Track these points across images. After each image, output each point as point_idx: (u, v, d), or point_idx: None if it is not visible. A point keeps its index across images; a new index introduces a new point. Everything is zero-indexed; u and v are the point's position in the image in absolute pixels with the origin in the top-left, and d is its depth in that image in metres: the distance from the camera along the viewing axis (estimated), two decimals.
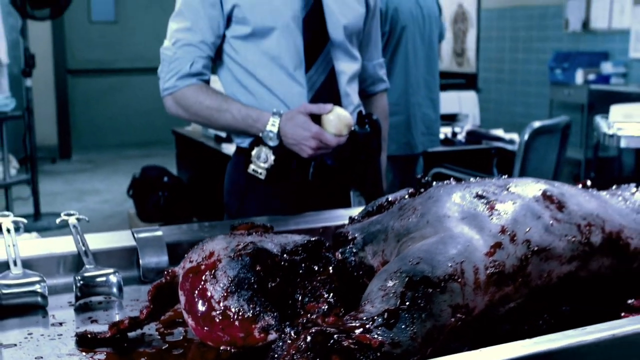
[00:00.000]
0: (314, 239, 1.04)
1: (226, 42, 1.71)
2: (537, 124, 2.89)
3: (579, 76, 6.10)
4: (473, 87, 7.84)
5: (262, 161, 1.60)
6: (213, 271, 0.96)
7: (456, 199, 1.05)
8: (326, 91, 1.66)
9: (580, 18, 6.49)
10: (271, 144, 1.59)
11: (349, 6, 1.73)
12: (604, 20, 6.32)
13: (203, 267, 0.98)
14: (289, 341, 0.87)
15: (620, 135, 1.69)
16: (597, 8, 6.37)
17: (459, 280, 0.91)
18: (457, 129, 3.87)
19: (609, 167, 5.64)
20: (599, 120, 1.77)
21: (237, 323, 0.93)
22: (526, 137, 2.86)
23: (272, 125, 1.59)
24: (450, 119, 4.04)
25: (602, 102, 5.65)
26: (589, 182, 1.29)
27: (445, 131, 3.88)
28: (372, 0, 1.81)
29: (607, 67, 6.07)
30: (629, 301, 1.07)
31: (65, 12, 6.38)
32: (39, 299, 1.11)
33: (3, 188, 4.82)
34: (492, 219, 1.01)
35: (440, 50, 8.58)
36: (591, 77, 6.05)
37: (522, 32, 7.28)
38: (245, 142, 1.69)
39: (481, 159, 3.58)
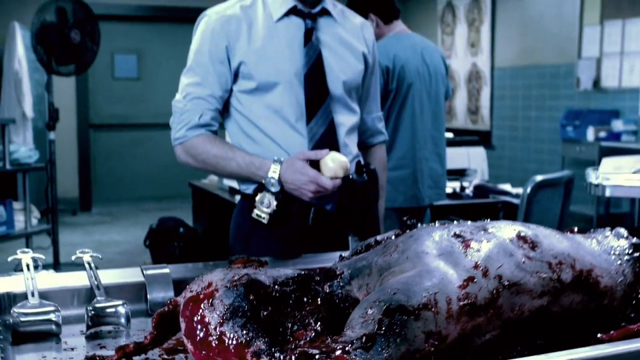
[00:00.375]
0: (303, 272, 1.13)
1: (233, 95, 1.84)
2: (539, 177, 2.98)
3: (590, 133, 6.19)
4: (487, 144, 7.97)
5: (265, 206, 1.71)
6: (211, 300, 1.06)
7: (435, 238, 1.15)
8: (326, 142, 1.77)
9: (591, 77, 6.62)
10: (273, 189, 1.70)
11: (348, 63, 1.86)
12: (614, 79, 6.45)
13: (202, 296, 1.07)
14: None
15: (606, 185, 1.77)
16: (607, 67, 6.50)
17: (432, 309, 1.00)
18: (465, 184, 3.97)
19: (621, 223, 5.67)
20: (589, 171, 1.86)
21: (231, 347, 1.02)
22: (529, 190, 2.94)
23: (274, 172, 1.70)
24: (459, 173, 4.14)
25: None
26: (575, 229, 1.38)
27: (453, 185, 3.97)
28: (370, 58, 1.94)
29: (617, 125, 6.16)
30: (599, 335, 1.14)
31: (90, 69, 6.61)
32: (53, 326, 1.21)
33: (24, 237, 4.96)
34: (466, 255, 1.11)
35: (446, 107, 8.75)
36: (602, 134, 6.15)
37: (534, 91, 7.41)
38: (249, 189, 1.80)
39: (487, 212, 3.66)
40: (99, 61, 7.98)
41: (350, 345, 0.94)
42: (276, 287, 1.09)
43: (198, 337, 1.05)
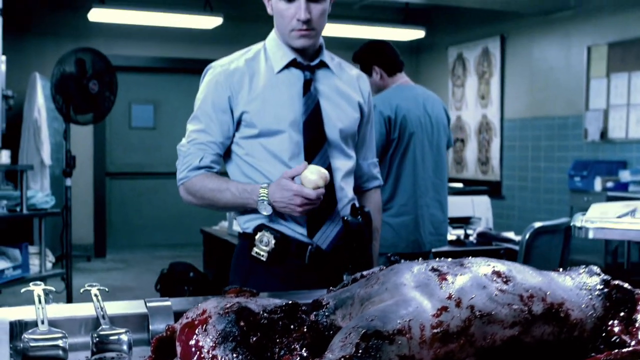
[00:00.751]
0: (291, 302, 1.22)
1: (235, 141, 1.95)
2: (537, 224, 3.06)
3: (598, 184, 6.26)
4: (497, 195, 8.05)
5: (264, 245, 1.81)
6: (204, 326, 1.15)
7: (413, 271, 1.23)
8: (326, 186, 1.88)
9: (598, 128, 6.72)
10: (265, 212, 1.81)
11: (345, 112, 1.98)
12: (621, 130, 6.54)
13: (196, 322, 1.17)
14: None
15: (589, 227, 1.85)
16: (614, 118, 6.61)
17: (406, 334, 1.09)
18: (469, 231, 4.05)
19: (630, 273, 5.70)
20: (577, 216, 1.94)
21: None
22: (527, 236, 3.02)
23: (263, 195, 1.81)
24: (464, 221, 4.22)
25: None
26: (560, 270, 1.46)
27: (458, 233, 4.06)
28: (366, 108, 2.06)
29: (625, 175, 6.23)
30: None
31: (107, 118, 6.78)
32: (60, 352, 1.30)
33: (39, 280, 5.04)
34: (441, 287, 1.19)
35: (458, 158, 8.85)
36: (609, 184, 6.21)
37: (543, 142, 7.51)
38: (249, 228, 1.91)
39: None
40: (116, 111, 8.20)
41: None
42: (265, 314, 1.18)
43: (193, 359, 1.14)
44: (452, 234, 4.02)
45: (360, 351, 1.05)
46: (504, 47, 8.11)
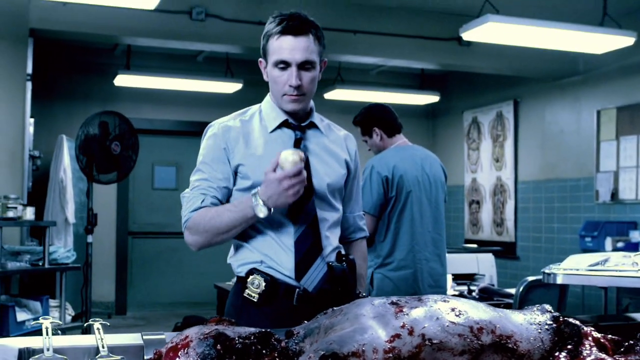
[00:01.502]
0: (264, 330, 1.38)
1: (232, 194, 2.13)
2: (531, 278, 3.18)
3: (608, 244, 6.34)
4: (512, 255, 8.13)
5: (255, 287, 1.98)
6: (186, 349, 1.31)
7: (374, 304, 1.39)
8: (309, 233, 2.04)
9: (609, 190, 6.84)
10: (262, 215, 1.94)
11: (332, 168, 2.16)
12: (631, 191, 6.65)
13: (179, 346, 1.32)
14: None
15: (556, 274, 1.97)
16: (624, 180, 6.72)
17: (360, 357, 1.23)
18: (472, 287, 4.17)
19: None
20: (551, 265, 2.07)
21: None
22: (520, 289, 3.14)
23: (256, 199, 1.96)
24: (469, 278, 4.34)
25: None
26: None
27: (461, 289, 4.18)
28: (352, 165, 2.25)
29: (635, 236, 6.31)
30: None
31: (131, 179, 7.02)
32: None
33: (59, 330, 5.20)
34: (397, 318, 1.34)
35: (473, 219, 8.94)
36: (620, 244, 6.29)
37: (556, 203, 7.62)
38: (242, 272, 2.06)
39: None
40: (139, 172, 8.51)
41: None
42: (240, 340, 1.33)
43: None
44: (456, 290, 4.14)
45: None
46: (517, 111, 8.30)
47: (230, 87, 7.78)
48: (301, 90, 2.09)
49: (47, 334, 1.59)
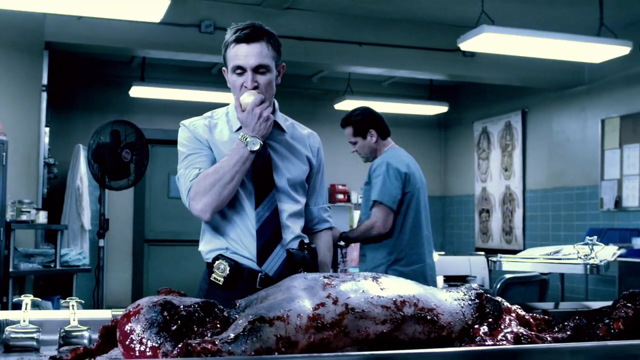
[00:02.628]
0: (208, 300, 1.55)
1: None
2: (508, 275, 3.32)
3: None
4: None
5: (220, 271, 2.15)
6: (137, 315, 1.48)
7: (306, 278, 1.55)
8: (270, 222, 2.20)
9: (613, 197, 6.92)
10: (256, 148, 2.16)
11: (293, 164, 2.33)
12: (634, 199, 6.73)
13: (131, 312, 1.50)
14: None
15: (501, 261, 2.12)
16: (627, 188, 6.81)
17: (285, 321, 1.40)
18: None
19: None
20: (500, 255, 2.22)
21: (148, 348, 1.44)
22: (498, 286, 3.28)
23: (244, 138, 2.17)
24: (461, 279, 4.47)
25: (633, 274, 5.96)
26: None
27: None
28: (315, 161, 2.41)
29: (638, 242, 6.38)
30: None
31: (147, 188, 7.21)
32: (35, 343, 1.65)
33: None
34: (325, 290, 1.51)
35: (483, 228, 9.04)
36: (622, 251, 6.36)
37: (563, 212, 7.71)
38: (210, 258, 2.24)
39: None
40: (155, 181, 8.76)
41: (219, 341, 1.35)
42: (184, 308, 1.51)
43: (127, 342, 1.46)
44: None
45: (246, 331, 1.37)
46: (525, 121, 8.42)
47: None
48: (258, 91, 2.24)
49: (25, 309, 1.77)
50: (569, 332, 1.71)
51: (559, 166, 7.83)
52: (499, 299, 1.71)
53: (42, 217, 5.00)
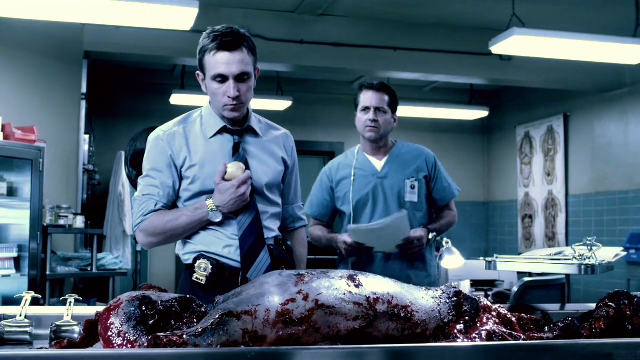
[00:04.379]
0: (186, 296, 1.60)
1: (181, 194, 2.32)
2: (527, 279, 3.29)
3: None
4: None
5: (202, 271, 2.19)
6: (117, 310, 1.55)
7: (281, 275, 1.59)
8: (252, 229, 2.24)
9: None
10: (216, 220, 2.18)
11: (269, 167, 2.37)
12: None
13: (112, 307, 1.56)
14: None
15: (497, 261, 2.11)
16: None
17: (252, 315, 1.44)
18: (490, 292, 4.28)
19: None
20: (495, 255, 2.22)
21: (125, 341, 1.50)
22: (516, 289, 3.25)
23: (211, 205, 2.19)
24: (489, 284, 4.45)
25: None
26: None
27: (479, 294, 4.29)
28: (289, 161, 2.46)
29: None
30: None
31: None
32: (28, 336, 1.73)
33: None
34: (296, 286, 1.54)
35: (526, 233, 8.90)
36: (625, 253, 6.23)
37: (606, 217, 7.57)
38: (190, 259, 2.28)
39: None
40: None
41: (187, 333, 1.40)
42: (162, 302, 1.56)
43: (107, 335, 1.53)
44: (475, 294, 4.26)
45: (213, 325, 1.42)
46: (567, 125, 8.30)
47: (281, 104, 8.07)
48: (240, 100, 2.28)
49: (24, 305, 1.86)
50: (556, 332, 1.71)
51: (601, 170, 7.69)
52: (478, 297, 1.72)
53: (79, 222, 5.15)
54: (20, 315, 1.78)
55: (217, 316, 1.44)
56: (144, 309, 1.54)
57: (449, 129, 9.66)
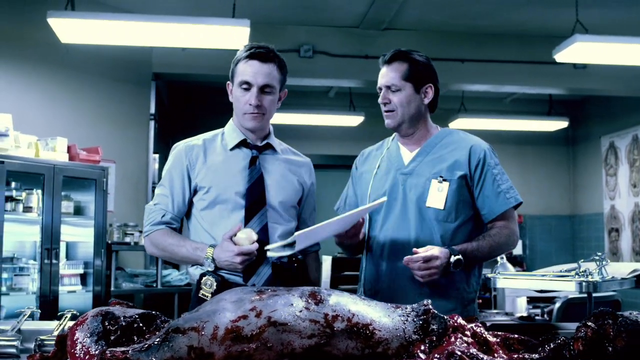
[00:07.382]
0: (149, 311, 1.63)
1: (194, 205, 2.38)
2: (571, 296, 3.15)
3: None
4: None
5: (208, 287, 2.22)
6: (82, 324, 1.60)
7: (243, 291, 1.60)
8: (259, 239, 2.26)
9: None
10: (207, 267, 2.21)
11: (285, 189, 2.39)
12: None
13: (79, 322, 1.61)
14: None
15: (496, 278, 2.02)
16: None
17: (199, 332, 1.45)
18: (547, 309, 4.12)
19: None
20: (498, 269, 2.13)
21: (87, 356, 1.54)
22: (557, 305, 3.12)
23: (209, 253, 2.22)
24: (548, 300, 4.28)
25: None
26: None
27: (534, 311, 4.15)
28: (306, 186, 2.47)
29: None
30: None
31: None
32: (14, 350, 1.80)
33: None
34: (252, 303, 1.54)
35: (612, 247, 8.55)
36: None
37: None
38: (197, 275, 2.32)
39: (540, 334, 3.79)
40: None
41: (133, 350, 1.43)
42: (124, 318, 1.60)
43: (72, 349, 1.58)
44: (530, 312, 4.12)
45: (160, 340, 1.44)
46: None
47: (354, 120, 8.09)
48: (261, 110, 2.33)
49: (22, 319, 1.94)
50: (543, 354, 1.64)
51: None
52: (445, 316, 1.67)
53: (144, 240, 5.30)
54: (13, 330, 1.86)
55: (163, 332, 1.46)
56: (106, 324, 1.58)
57: (532, 141, 9.40)
